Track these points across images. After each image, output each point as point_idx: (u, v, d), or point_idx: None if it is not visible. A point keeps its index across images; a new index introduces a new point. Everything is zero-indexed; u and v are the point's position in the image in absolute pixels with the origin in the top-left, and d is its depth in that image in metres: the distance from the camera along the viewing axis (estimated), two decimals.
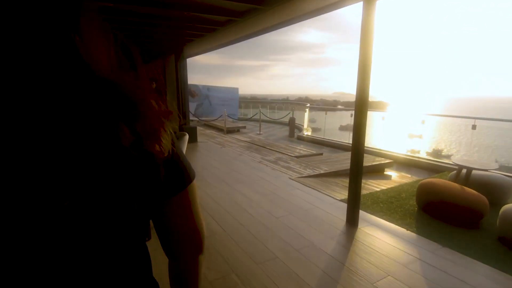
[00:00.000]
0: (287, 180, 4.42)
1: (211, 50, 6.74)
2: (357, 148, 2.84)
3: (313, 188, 4.03)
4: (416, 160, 6.86)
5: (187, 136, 3.53)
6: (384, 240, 2.64)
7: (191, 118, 12.22)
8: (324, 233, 2.76)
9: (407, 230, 2.88)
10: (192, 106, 14.36)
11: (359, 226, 2.91)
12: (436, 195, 3.22)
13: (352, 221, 2.96)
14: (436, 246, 2.55)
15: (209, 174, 4.62)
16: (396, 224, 3.01)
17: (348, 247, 2.53)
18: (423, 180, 3.50)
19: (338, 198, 3.68)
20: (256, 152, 6.44)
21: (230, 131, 11.18)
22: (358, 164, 2.88)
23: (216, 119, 11.92)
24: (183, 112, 7.62)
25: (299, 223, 2.95)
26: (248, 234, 2.72)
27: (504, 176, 3.61)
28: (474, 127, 5.68)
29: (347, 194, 3.95)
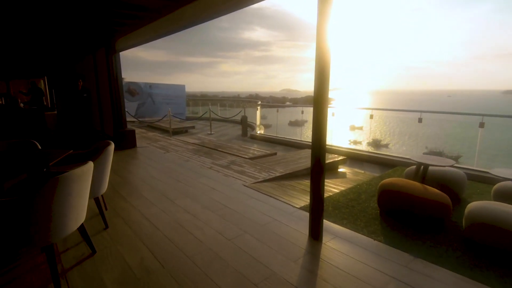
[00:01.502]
0: (241, 187, 3.93)
1: (150, 41, 5.91)
2: (318, 152, 2.46)
3: (270, 196, 3.61)
4: (366, 155, 6.91)
5: (111, 147, 2.80)
6: (353, 257, 2.31)
7: (131, 119, 11.02)
8: (286, 255, 2.33)
9: (374, 240, 2.60)
10: (132, 106, 13.08)
11: (323, 241, 2.55)
12: (399, 197, 3.02)
13: (315, 234, 2.58)
14: (407, 258, 2.29)
15: (148, 189, 3.92)
16: (362, 233, 2.72)
17: (315, 272, 2.14)
18: (384, 181, 3.30)
19: (297, 206, 3.30)
20: (206, 156, 5.83)
21: (176, 132, 10.31)
22: (319, 170, 2.50)
23: (161, 119, 10.93)
24: (118, 114, 6.65)
25: (256, 244, 2.48)
26: (193, 268, 2.17)
27: (458, 170, 3.60)
28: (420, 120, 5.84)
29: (305, 199, 3.62)
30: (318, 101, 2.39)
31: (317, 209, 2.54)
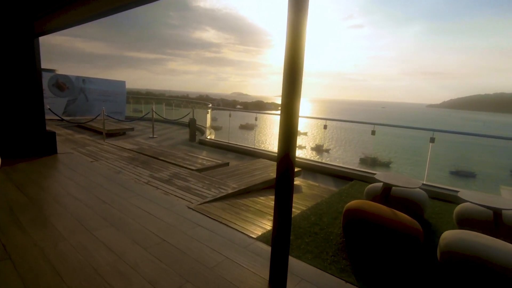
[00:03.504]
0: (184, 210, 3.25)
1: (79, 24, 4.86)
2: (286, 175, 1.94)
3: (221, 222, 3.01)
4: (320, 166, 6.70)
5: None
6: None
7: (54, 117, 9.36)
8: None
9: (346, 282, 2.18)
10: (60, 103, 11.25)
11: None
12: (366, 224, 2.68)
13: (278, 282, 2.06)
14: None
15: (60, 213, 2.99)
16: (331, 272, 2.29)
17: None
18: (349, 205, 2.95)
19: (253, 236, 2.76)
20: (144, 166, 4.96)
21: (112, 134, 8.99)
22: (287, 196, 1.98)
23: (94, 118, 9.49)
24: (35, 112, 5.37)
25: None
26: None
27: (421, 191, 3.45)
28: (373, 132, 5.80)
29: (263, 224, 3.09)
30: (289, 108, 1.89)
31: (281, 262, 2.02)
